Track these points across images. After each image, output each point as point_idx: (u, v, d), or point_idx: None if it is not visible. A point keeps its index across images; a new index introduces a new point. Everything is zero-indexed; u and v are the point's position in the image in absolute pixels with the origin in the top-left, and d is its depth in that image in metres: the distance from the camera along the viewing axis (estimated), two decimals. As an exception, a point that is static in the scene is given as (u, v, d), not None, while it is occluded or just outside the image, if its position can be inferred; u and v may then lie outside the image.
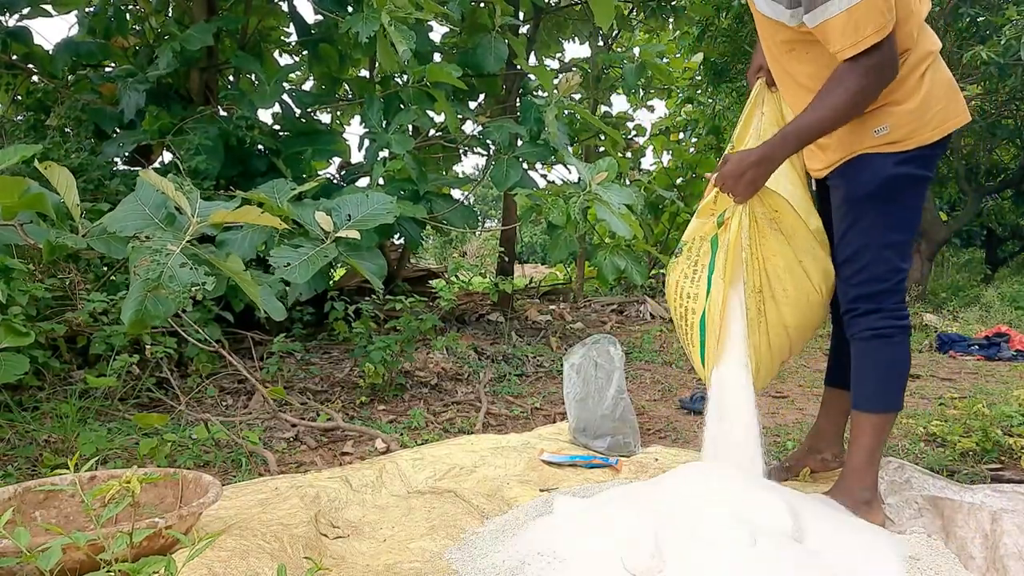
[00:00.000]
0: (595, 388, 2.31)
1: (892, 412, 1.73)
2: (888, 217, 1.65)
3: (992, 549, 1.49)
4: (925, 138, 1.62)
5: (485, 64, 4.15)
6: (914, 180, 1.65)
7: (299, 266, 2.15)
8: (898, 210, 1.66)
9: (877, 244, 1.66)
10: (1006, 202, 10.59)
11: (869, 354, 1.71)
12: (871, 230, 1.66)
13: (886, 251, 1.66)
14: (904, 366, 1.74)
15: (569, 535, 1.49)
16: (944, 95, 1.63)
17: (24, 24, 4.02)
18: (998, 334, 4.81)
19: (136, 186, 1.85)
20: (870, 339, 1.70)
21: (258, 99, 3.89)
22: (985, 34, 6.12)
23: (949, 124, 1.64)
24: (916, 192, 1.67)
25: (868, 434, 1.70)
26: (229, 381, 3.16)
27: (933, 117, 1.61)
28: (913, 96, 1.60)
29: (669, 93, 9.32)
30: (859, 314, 1.71)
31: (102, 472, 1.59)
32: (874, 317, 1.68)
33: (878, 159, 1.64)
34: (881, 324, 1.68)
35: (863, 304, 1.70)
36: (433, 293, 4.84)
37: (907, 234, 1.69)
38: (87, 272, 2.92)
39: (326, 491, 1.83)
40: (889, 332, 1.68)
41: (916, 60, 1.61)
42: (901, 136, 1.61)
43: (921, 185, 1.67)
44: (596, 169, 3.27)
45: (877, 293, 1.68)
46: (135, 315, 1.56)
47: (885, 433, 1.74)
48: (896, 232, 1.67)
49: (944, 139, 1.66)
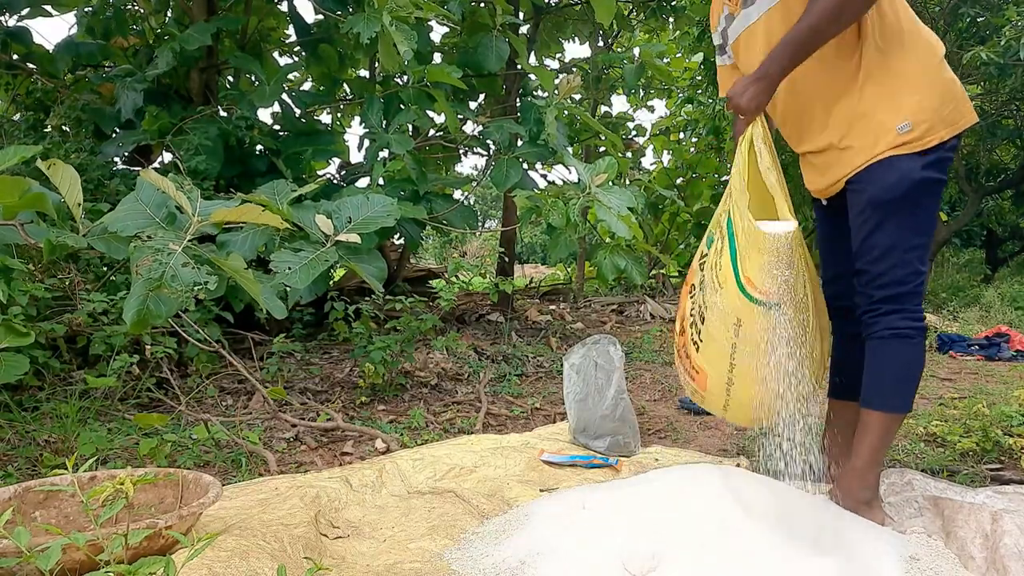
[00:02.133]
0: (595, 388, 2.30)
1: (902, 413, 1.74)
2: (914, 219, 1.68)
3: (992, 549, 1.49)
4: (943, 135, 1.65)
5: (485, 64, 4.15)
6: (936, 183, 1.68)
7: (299, 270, 2.15)
8: (922, 213, 1.69)
9: (902, 247, 1.68)
10: (1006, 202, 10.59)
11: (887, 353, 1.72)
12: (897, 232, 1.68)
13: (910, 254, 1.68)
14: (919, 368, 1.75)
15: (569, 535, 1.49)
16: (955, 94, 1.68)
17: (24, 24, 4.03)
18: (998, 334, 4.80)
19: (136, 186, 1.85)
20: (889, 339, 1.71)
21: (258, 99, 3.89)
22: (985, 34, 6.11)
23: (962, 122, 1.67)
24: (936, 196, 1.71)
25: (875, 433, 1.71)
26: (229, 381, 3.16)
27: (949, 114, 1.65)
28: (931, 91, 1.65)
29: (669, 93, 9.32)
30: (880, 314, 1.72)
31: (102, 472, 1.59)
32: (895, 317, 1.70)
33: (904, 162, 1.66)
34: (901, 324, 1.69)
35: (886, 305, 1.71)
36: (433, 293, 4.84)
37: (928, 237, 1.72)
38: (87, 272, 2.92)
39: (326, 491, 1.83)
40: (908, 332, 1.70)
41: (929, 55, 1.66)
42: (922, 133, 1.64)
43: (940, 188, 1.71)
44: (596, 170, 3.27)
45: (900, 295, 1.69)
46: (137, 314, 1.56)
47: (892, 434, 1.74)
48: (919, 235, 1.69)
49: (956, 139, 1.69)
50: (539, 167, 5.16)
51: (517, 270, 8.93)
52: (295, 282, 2.11)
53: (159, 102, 3.96)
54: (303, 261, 2.17)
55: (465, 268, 4.66)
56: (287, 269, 2.13)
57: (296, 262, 2.16)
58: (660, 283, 7.85)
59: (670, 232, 8.77)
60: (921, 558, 1.48)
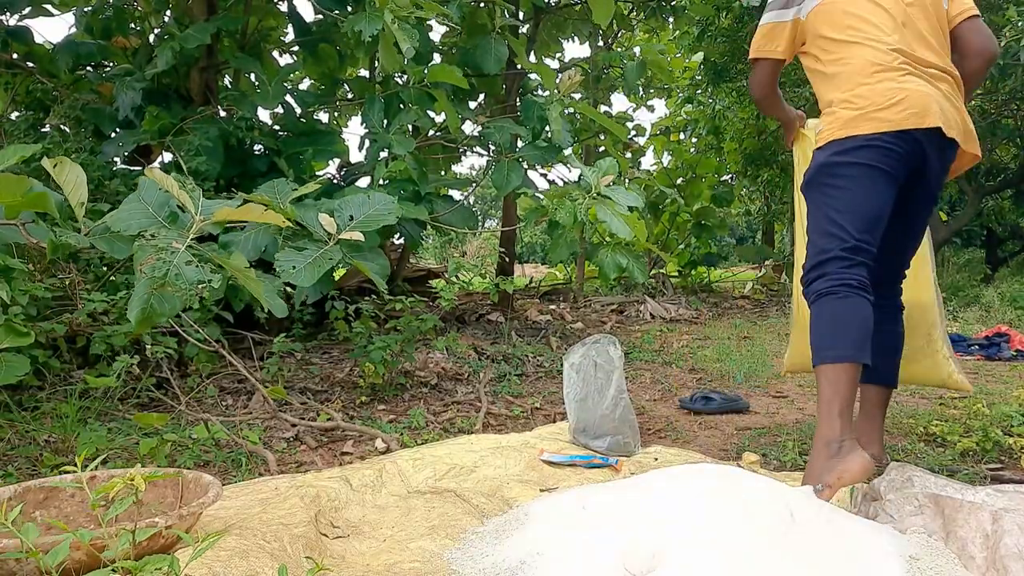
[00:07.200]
0: (595, 388, 2.30)
1: (831, 363, 1.81)
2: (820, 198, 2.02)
3: (992, 549, 1.48)
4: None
5: (485, 64, 4.15)
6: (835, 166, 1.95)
7: (304, 269, 2.15)
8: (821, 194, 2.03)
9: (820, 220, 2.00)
10: (1006, 202, 10.58)
11: (816, 313, 1.89)
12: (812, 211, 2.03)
13: (824, 224, 2.01)
14: (849, 318, 1.84)
15: (569, 535, 1.49)
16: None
17: (24, 23, 4.02)
18: (998, 334, 4.80)
19: (139, 185, 1.85)
20: (817, 300, 1.89)
21: (260, 100, 3.89)
22: (985, 34, 6.11)
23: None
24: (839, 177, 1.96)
25: (820, 386, 1.82)
26: (229, 381, 3.16)
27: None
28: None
29: (669, 93, 9.33)
30: (810, 281, 1.92)
31: (102, 472, 1.59)
32: (820, 282, 1.89)
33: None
34: (825, 285, 1.87)
35: (812, 273, 1.95)
36: (433, 293, 4.84)
37: (838, 212, 1.95)
38: (87, 272, 2.93)
39: (326, 491, 1.83)
40: (834, 290, 1.87)
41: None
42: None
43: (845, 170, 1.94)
44: (600, 170, 3.27)
45: (820, 262, 1.95)
46: (141, 313, 1.56)
47: (838, 385, 1.79)
48: (827, 211, 1.99)
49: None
50: (539, 167, 5.16)
51: (517, 270, 8.93)
52: (301, 281, 2.12)
53: (159, 102, 3.96)
54: (308, 259, 2.18)
55: (465, 268, 4.66)
56: (292, 268, 2.13)
57: (301, 260, 2.17)
58: (660, 283, 7.85)
59: (670, 232, 8.77)
60: (921, 558, 1.48)
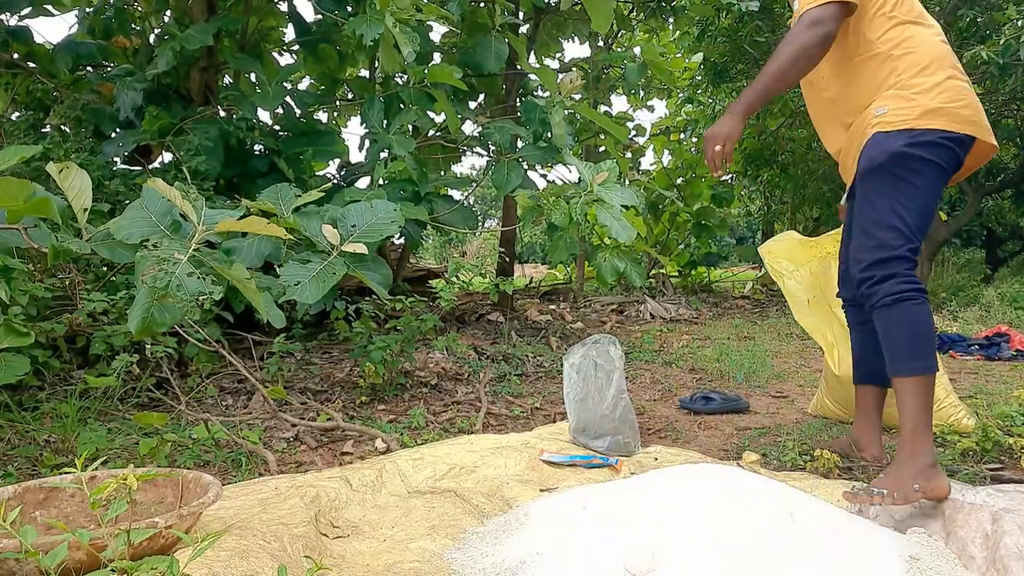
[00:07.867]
0: (595, 388, 2.30)
1: (928, 374, 1.71)
2: (894, 190, 1.83)
3: (992, 549, 1.49)
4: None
5: (485, 64, 4.15)
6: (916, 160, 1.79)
7: (309, 284, 2.17)
8: (904, 185, 1.83)
9: (888, 214, 1.83)
10: (1006, 202, 10.58)
11: (893, 318, 1.74)
12: (881, 201, 1.85)
13: (893, 218, 1.80)
14: (929, 326, 1.74)
15: (569, 535, 1.49)
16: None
17: (24, 23, 4.03)
18: (998, 334, 4.80)
19: (142, 193, 1.85)
20: (892, 304, 1.73)
21: (260, 100, 3.89)
22: (985, 34, 6.11)
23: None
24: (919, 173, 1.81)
25: (911, 397, 1.70)
26: (229, 381, 3.16)
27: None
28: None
29: (669, 93, 9.32)
30: (876, 282, 1.75)
31: (102, 472, 1.59)
32: (891, 283, 1.73)
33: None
34: (899, 288, 1.72)
35: (878, 271, 1.75)
36: (433, 293, 4.84)
37: (915, 211, 1.82)
38: (87, 272, 2.93)
39: (326, 491, 1.83)
40: (909, 295, 1.72)
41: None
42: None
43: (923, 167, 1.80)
44: (597, 169, 3.27)
45: (889, 259, 1.75)
46: (142, 323, 1.57)
47: (928, 396, 1.71)
48: (904, 205, 1.81)
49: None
50: (539, 167, 5.17)
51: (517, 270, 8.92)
52: (305, 298, 2.13)
53: (159, 102, 3.96)
54: (312, 273, 2.19)
55: (465, 268, 4.66)
56: (296, 284, 2.14)
57: (305, 275, 2.17)
58: (660, 283, 7.85)
59: (670, 232, 8.77)
60: (921, 558, 1.48)
